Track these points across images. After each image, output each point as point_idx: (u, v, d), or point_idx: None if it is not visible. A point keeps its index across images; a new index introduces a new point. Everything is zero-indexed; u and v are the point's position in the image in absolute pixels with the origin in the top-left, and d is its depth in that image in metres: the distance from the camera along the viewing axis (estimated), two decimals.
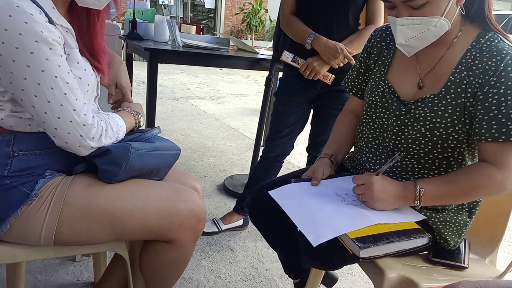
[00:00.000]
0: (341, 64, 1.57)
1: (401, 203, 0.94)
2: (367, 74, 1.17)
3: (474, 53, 0.93)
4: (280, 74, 1.86)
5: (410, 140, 1.00)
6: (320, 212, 0.93)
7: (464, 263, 1.01)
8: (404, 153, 1.02)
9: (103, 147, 0.93)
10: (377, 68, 1.11)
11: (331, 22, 1.56)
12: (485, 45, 0.92)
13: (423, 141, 0.98)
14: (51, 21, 0.83)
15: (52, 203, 0.89)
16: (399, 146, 1.02)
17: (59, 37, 0.84)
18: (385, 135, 1.06)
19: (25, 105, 0.84)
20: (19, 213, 0.87)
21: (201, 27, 2.99)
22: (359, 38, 1.59)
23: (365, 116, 1.13)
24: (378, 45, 1.12)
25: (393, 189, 0.93)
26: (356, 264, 1.05)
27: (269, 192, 1.04)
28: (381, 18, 1.63)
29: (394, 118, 1.02)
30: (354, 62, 1.58)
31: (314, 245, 0.83)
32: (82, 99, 0.88)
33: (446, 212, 1.01)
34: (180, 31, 2.69)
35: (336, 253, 0.93)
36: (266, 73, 2.13)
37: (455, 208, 1.03)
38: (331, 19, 1.56)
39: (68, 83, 0.84)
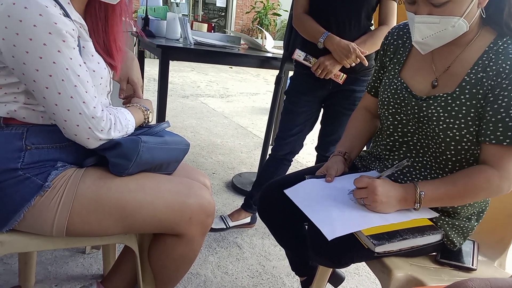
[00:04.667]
0: (353, 64, 1.57)
1: (402, 205, 0.94)
2: (382, 72, 1.16)
3: (491, 54, 0.92)
4: (291, 73, 1.86)
5: (430, 137, 0.99)
6: (335, 209, 0.95)
7: (472, 265, 1.00)
8: (411, 160, 1.02)
9: (113, 141, 0.94)
10: (392, 65, 1.11)
11: (344, 22, 1.56)
12: (502, 47, 0.91)
13: (437, 141, 0.97)
14: (66, 15, 0.84)
15: (64, 195, 0.90)
16: (422, 141, 1.02)
17: (73, 30, 0.85)
18: (405, 130, 1.05)
19: (37, 96, 0.85)
20: (32, 204, 0.88)
21: (213, 25, 3.00)
22: (372, 39, 1.58)
23: (380, 113, 1.13)
24: (395, 42, 1.12)
25: (395, 192, 0.93)
26: (363, 263, 1.05)
27: (284, 191, 1.05)
28: (394, 18, 1.62)
29: (412, 111, 1.01)
30: (367, 62, 1.57)
31: (329, 238, 0.85)
32: (92, 92, 0.89)
33: (457, 218, 1.01)
34: (191, 28, 2.70)
35: (343, 251, 0.93)
36: (276, 72, 2.13)
37: (465, 215, 1.03)
38: (344, 19, 1.56)
39: (79, 75, 0.85)
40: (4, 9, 0.78)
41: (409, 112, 1.02)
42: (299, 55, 1.63)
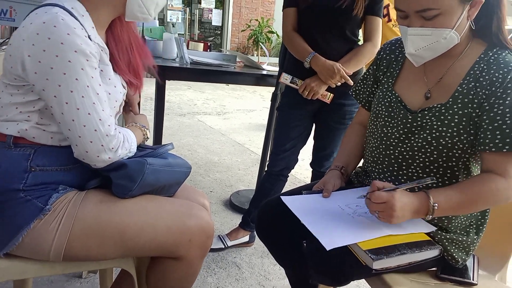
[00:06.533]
0: (339, 84, 1.60)
1: (414, 217, 0.94)
2: (375, 86, 1.18)
3: (482, 65, 0.95)
4: None
5: (416, 148, 1.00)
6: (332, 222, 0.95)
7: (473, 280, 0.99)
8: (434, 180, 0.96)
9: (119, 162, 0.94)
10: (385, 79, 1.13)
11: (329, 38, 1.60)
12: (492, 57, 0.94)
13: (428, 150, 0.98)
14: (90, 38, 0.89)
15: (64, 218, 0.90)
16: (404, 153, 1.03)
17: (96, 52, 0.89)
18: (388, 143, 1.06)
19: (54, 111, 0.87)
20: (31, 227, 0.88)
21: (208, 44, 3.03)
22: (356, 57, 1.61)
23: (370, 125, 1.14)
24: (387, 57, 1.14)
25: (410, 204, 0.91)
26: (364, 280, 1.04)
27: (281, 197, 1.05)
28: (379, 35, 1.65)
29: (401, 126, 1.02)
30: (352, 82, 1.59)
31: (328, 248, 0.84)
32: (108, 111, 0.92)
33: (453, 233, 1.01)
34: (187, 48, 2.73)
35: (343, 269, 0.93)
36: (272, 88, 2.15)
37: (461, 227, 1.02)
38: (329, 36, 1.60)
39: (98, 94, 0.89)
40: (34, 27, 0.83)
41: (398, 124, 1.03)
42: (285, 78, 1.66)
